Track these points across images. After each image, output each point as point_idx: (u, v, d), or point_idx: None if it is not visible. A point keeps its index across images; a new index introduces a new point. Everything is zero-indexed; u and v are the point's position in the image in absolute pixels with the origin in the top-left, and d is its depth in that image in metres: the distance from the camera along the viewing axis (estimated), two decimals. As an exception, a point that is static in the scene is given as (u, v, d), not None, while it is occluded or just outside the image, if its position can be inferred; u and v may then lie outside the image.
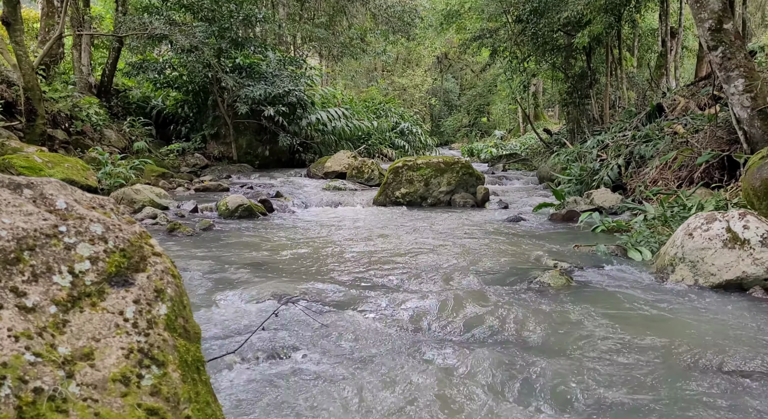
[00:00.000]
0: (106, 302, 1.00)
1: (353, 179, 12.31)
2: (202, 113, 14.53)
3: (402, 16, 21.66)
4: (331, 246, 5.57)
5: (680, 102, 10.78)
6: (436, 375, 2.41)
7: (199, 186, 10.52)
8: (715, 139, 7.71)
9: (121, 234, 1.11)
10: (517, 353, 2.72)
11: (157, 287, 1.09)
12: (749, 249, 3.76)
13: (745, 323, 3.19)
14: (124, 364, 0.93)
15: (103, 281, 1.03)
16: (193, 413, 0.99)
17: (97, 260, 1.04)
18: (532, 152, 19.06)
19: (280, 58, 14.84)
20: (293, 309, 3.24)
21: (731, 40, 6.71)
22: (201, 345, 1.23)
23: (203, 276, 4.17)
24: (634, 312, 3.38)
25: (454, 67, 36.25)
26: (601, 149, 10.84)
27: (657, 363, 2.62)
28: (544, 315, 3.28)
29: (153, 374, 0.95)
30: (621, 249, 5.13)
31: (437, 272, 4.39)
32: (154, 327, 1.02)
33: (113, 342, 0.95)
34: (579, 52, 14.79)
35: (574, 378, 2.43)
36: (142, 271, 1.10)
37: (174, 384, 0.98)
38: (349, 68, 26.67)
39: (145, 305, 1.04)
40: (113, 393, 0.88)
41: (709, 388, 2.35)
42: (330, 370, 2.44)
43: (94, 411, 0.84)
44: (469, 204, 9.37)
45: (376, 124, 19.06)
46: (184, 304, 1.15)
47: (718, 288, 3.80)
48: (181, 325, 1.11)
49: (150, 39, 12.47)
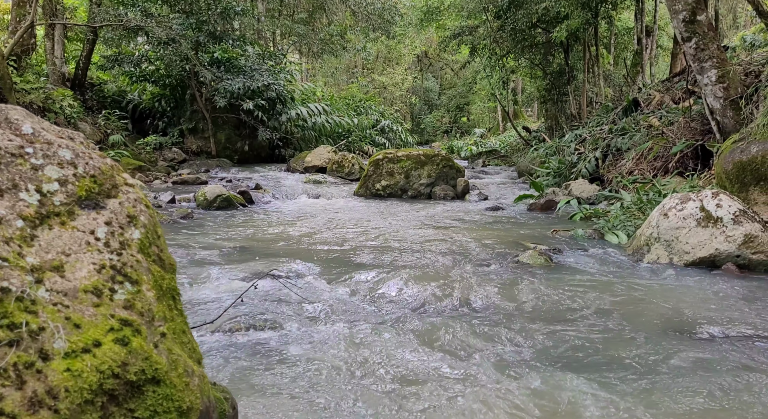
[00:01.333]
0: (77, 222, 0.97)
1: (334, 174, 12.26)
2: (179, 107, 14.34)
3: (382, 14, 21.66)
4: (311, 232, 5.54)
5: (655, 97, 10.97)
6: (409, 337, 2.40)
7: (176, 179, 10.37)
8: (689, 130, 7.87)
9: (91, 162, 1.08)
10: (494, 321, 2.73)
11: (129, 213, 1.06)
12: (722, 227, 3.83)
13: (717, 295, 3.25)
14: (96, 278, 0.90)
15: (73, 203, 1.00)
16: (168, 332, 0.97)
17: (66, 182, 1.01)
18: (511, 149, 19.21)
19: (259, 52, 14.72)
20: (274, 285, 3.21)
21: (704, 31, 6.85)
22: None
23: (182, 258, 4.11)
24: (609, 287, 3.42)
25: (434, 67, 36.39)
26: (579, 143, 10.98)
27: (631, 328, 2.66)
28: (523, 289, 3.30)
29: (126, 290, 0.93)
30: (598, 233, 5.20)
31: (417, 253, 4.39)
32: (126, 249, 0.99)
33: (84, 257, 0.92)
34: (557, 48, 14.97)
35: (547, 339, 2.45)
36: (114, 197, 1.07)
37: (148, 301, 0.96)
38: (329, 65, 26.59)
39: (117, 227, 1.01)
40: (85, 302, 0.86)
41: (681, 348, 2.38)
42: (307, 337, 2.41)
43: (65, 316, 0.81)
44: (449, 196, 9.40)
45: (357, 121, 19.02)
46: (158, 234, 1.13)
47: (692, 266, 3.87)
48: (156, 253, 1.08)
49: (126, 31, 12.25)
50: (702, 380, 2.08)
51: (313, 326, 2.60)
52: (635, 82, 14.70)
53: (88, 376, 0.78)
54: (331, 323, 2.65)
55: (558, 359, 2.29)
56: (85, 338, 0.81)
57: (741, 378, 2.09)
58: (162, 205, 7.58)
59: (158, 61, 13.60)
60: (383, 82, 31.21)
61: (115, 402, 0.81)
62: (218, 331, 2.54)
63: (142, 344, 0.87)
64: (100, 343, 0.82)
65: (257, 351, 2.30)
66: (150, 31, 11.70)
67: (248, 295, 2.95)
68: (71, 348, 0.79)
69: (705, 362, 2.26)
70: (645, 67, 15.59)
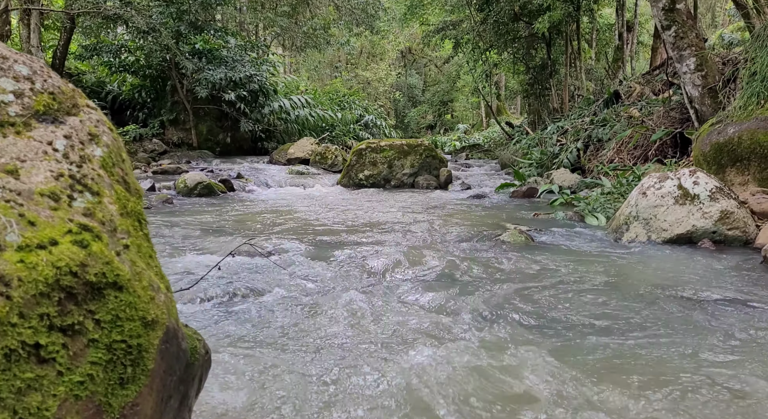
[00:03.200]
0: (33, 133, 0.93)
1: (317, 165, 12.21)
2: (160, 98, 14.15)
3: (365, 8, 21.60)
4: (292, 216, 5.49)
5: (636, 89, 11.09)
6: (387, 302, 2.39)
7: (157, 169, 10.23)
8: (669, 119, 7.97)
9: (50, 80, 1.05)
10: (471, 288, 2.73)
11: (91, 132, 1.02)
12: (699, 204, 3.88)
13: (693, 268, 3.28)
14: (54, 184, 0.86)
15: (30, 116, 0.96)
16: (133, 247, 0.94)
17: (22, 95, 0.97)
18: (494, 144, 19.29)
19: (241, 43, 14.58)
20: (254, 261, 3.17)
21: (683, 19, 6.93)
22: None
23: (161, 238, 4.05)
24: (587, 261, 3.44)
25: (418, 63, 36.41)
26: (561, 134, 11.06)
27: (611, 296, 2.67)
28: (502, 263, 3.31)
29: (86, 199, 0.89)
30: (578, 216, 5.23)
31: (396, 233, 4.38)
32: (87, 163, 0.96)
33: (41, 165, 0.88)
34: (539, 42, 15.06)
35: (528, 306, 2.45)
36: (74, 116, 1.03)
37: (110, 212, 0.92)
38: (313, 59, 26.45)
39: (78, 142, 0.98)
40: (41, 204, 0.82)
41: (661, 312, 2.40)
42: (283, 301, 2.39)
43: (19, 212, 0.78)
44: (432, 186, 9.41)
45: (341, 116, 18.95)
46: (122, 158, 1.09)
47: (670, 243, 3.91)
48: (120, 175, 1.05)
49: (104, 20, 12.06)
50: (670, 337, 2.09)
51: (290, 292, 2.57)
52: (616, 76, 14.86)
53: (44, 270, 0.74)
54: (306, 289, 2.62)
55: (527, 317, 2.29)
56: (40, 235, 0.78)
57: (704, 335, 2.12)
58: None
59: (138, 51, 13.41)
60: (367, 77, 31.15)
61: (74, 300, 0.78)
62: (196, 299, 2.50)
63: (103, 249, 0.84)
64: (57, 242, 0.79)
65: (233, 314, 2.27)
66: (129, 20, 11.52)
67: (227, 269, 2.91)
68: (25, 243, 0.75)
69: (674, 322, 2.28)
70: (626, 61, 15.76)
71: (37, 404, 0.70)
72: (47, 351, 0.73)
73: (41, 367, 0.72)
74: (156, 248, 3.08)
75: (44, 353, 0.73)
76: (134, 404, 0.86)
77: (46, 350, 0.73)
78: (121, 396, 0.84)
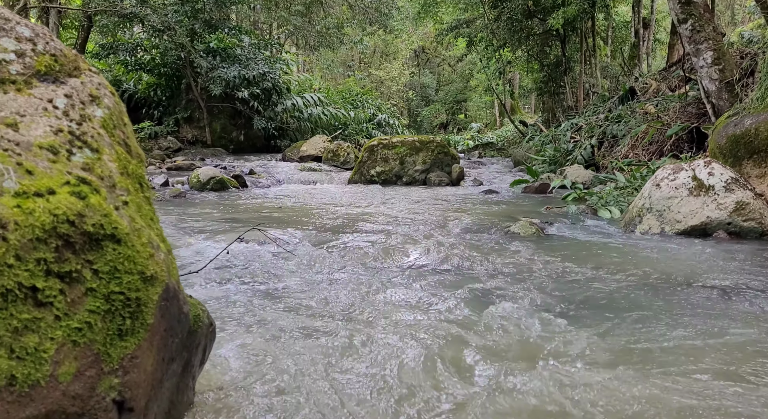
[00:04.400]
0: (34, 91, 0.94)
1: (329, 162, 12.23)
2: (175, 96, 14.28)
3: (379, 7, 21.62)
4: (303, 210, 5.51)
5: (652, 85, 10.96)
6: (391, 285, 2.38)
7: (171, 165, 10.33)
8: (685, 114, 7.86)
9: (52, 43, 1.06)
10: (476, 275, 2.71)
11: (92, 93, 1.03)
12: (714, 195, 3.82)
13: (708, 258, 3.23)
14: (53, 138, 0.87)
15: (32, 75, 0.97)
16: (132, 205, 0.94)
17: (24, 55, 0.98)
18: (508, 142, 19.18)
19: (255, 42, 14.66)
20: (263, 248, 3.18)
21: (700, 12, 6.83)
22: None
23: (174, 227, 4.08)
24: (597, 252, 3.40)
25: (431, 63, 36.34)
26: (575, 131, 10.96)
27: (626, 284, 2.64)
28: (511, 253, 3.28)
29: (85, 154, 0.90)
30: (591, 209, 5.18)
31: (407, 225, 4.37)
32: (87, 122, 0.96)
33: (41, 120, 0.89)
34: (554, 40, 14.95)
35: (543, 295, 2.43)
36: (75, 77, 1.04)
37: (109, 168, 0.93)
38: (326, 58, 26.52)
39: (78, 102, 0.98)
40: (39, 156, 0.83)
41: (679, 299, 2.37)
42: (290, 284, 2.39)
43: (17, 161, 0.79)
44: (444, 182, 9.37)
45: (353, 114, 18.96)
46: (124, 122, 1.10)
47: (684, 234, 3.86)
48: (121, 137, 1.05)
49: (120, 19, 12.20)
50: (687, 323, 2.06)
51: (297, 275, 2.57)
52: (632, 74, 14.70)
53: (41, 216, 0.75)
54: (314, 273, 2.62)
55: (540, 301, 2.27)
56: (38, 184, 0.78)
57: (719, 320, 2.08)
58: (155, 187, 7.53)
59: (154, 49, 13.54)
60: (380, 76, 31.16)
61: (72, 249, 0.78)
62: (205, 281, 2.51)
63: (101, 202, 0.85)
64: (55, 192, 0.79)
65: (240, 295, 2.28)
66: (145, 18, 11.64)
67: (237, 255, 2.93)
68: (22, 190, 0.76)
69: (688, 309, 2.24)
70: (642, 59, 15.59)
71: (34, 344, 0.70)
72: (44, 294, 0.74)
73: (38, 310, 0.73)
74: (167, 235, 3.10)
75: (41, 296, 0.73)
76: (133, 356, 0.87)
77: (43, 294, 0.73)
78: (120, 347, 0.84)
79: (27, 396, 0.68)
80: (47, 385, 0.71)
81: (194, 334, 1.25)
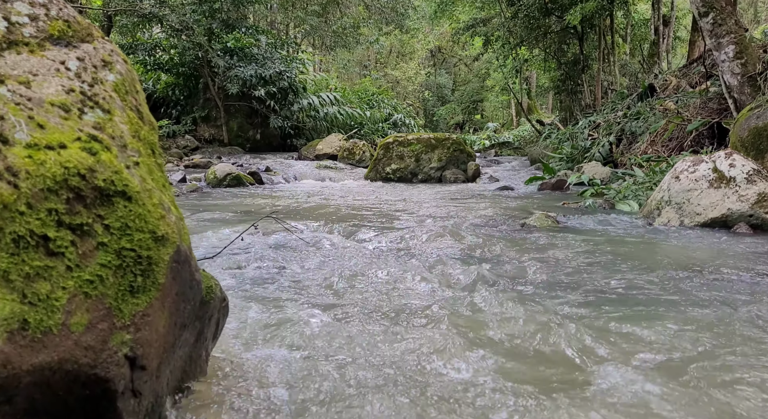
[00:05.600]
0: (47, 53, 0.95)
1: (344, 161, 12.25)
2: (192, 95, 14.44)
3: (395, 7, 21.62)
4: (318, 205, 5.52)
5: (672, 82, 10.80)
6: (406, 275, 2.37)
7: (188, 163, 10.43)
8: (706, 109, 7.72)
9: (66, 10, 1.06)
10: (491, 265, 2.68)
11: (104, 59, 1.04)
12: (735, 187, 3.74)
13: (729, 251, 3.16)
14: (65, 97, 0.88)
15: (45, 39, 0.98)
16: (143, 166, 0.95)
17: (37, 19, 0.99)
18: (524, 141, 19.06)
19: (271, 41, 14.76)
20: (277, 237, 3.19)
21: (722, 5, 6.71)
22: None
23: (190, 219, 4.11)
24: (614, 244, 3.35)
25: (447, 62, 36.23)
26: (593, 129, 10.85)
27: (644, 274, 2.59)
28: (526, 244, 3.25)
29: (97, 114, 0.90)
30: (609, 203, 5.11)
31: (422, 218, 4.36)
32: (99, 84, 0.97)
33: (53, 80, 0.90)
34: (571, 37, 14.81)
35: (544, 276, 2.40)
36: (88, 43, 1.05)
37: (121, 130, 0.93)
38: (342, 58, 26.61)
39: (90, 65, 0.99)
40: (51, 112, 0.83)
41: (699, 288, 2.32)
42: (303, 270, 2.39)
43: (29, 115, 0.79)
44: (460, 180, 9.33)
45: (369, 114, 18.97)
46: (137, 89, 1.11)
47: (703, 227, 3.78)
48: (133, 103, 1.06)
49: (140, 19, 12.37)
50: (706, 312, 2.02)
51: (309, 262, 2.57)
52: (652, 71, 14.50)
53: (52, 167, 0.75)
54: (327, 260, 2.62)
55: (559, 291, 2.24)
56: (49, 137, 0.79)
57: (739, 310, 2.03)
58: (172, 183, 7.61)
59: (172, 49, 13.71)
60: (396, 76, 31.16)
61: (83, 202, 0.79)
62: (220, 267, 2.52)
63: (112, 159, 0.85)
64: (66, 146, 0.80)
65: (254, 280, 2.28)
66: (164, 18, 11.79)
67: (251, 243, 2.94)
68: (33, 142, 0.76)
69: (705, 301, 2.20)
70: (662, 56, 15.37)
71: (46, 292, 0.71)
72: (56, 244, 0.74)
73: (50, 259, 0.73)
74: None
75: (53, 246, 0.74)
76: (145, 314, 0.87)
77: (54, 243, 0.74)
78: (131, 303, 0.85)
79: (40, 342, 0.69)
80: (59, 333, 0.71)
81: (207, 305, 1.25)
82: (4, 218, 0.68)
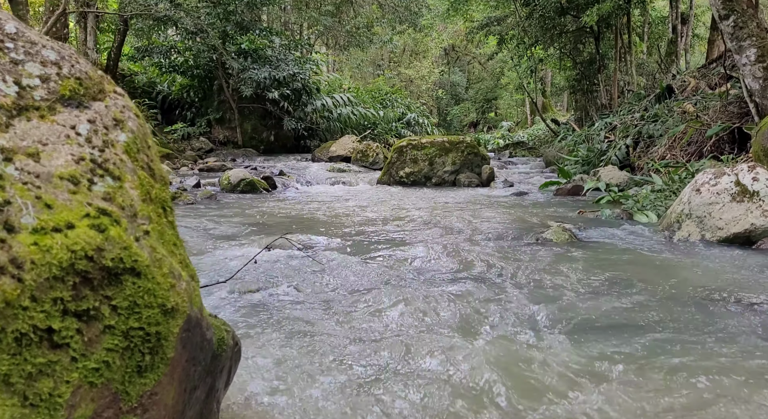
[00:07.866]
0: (57, 117, 0.93)
1: (358, 163, 12.24)
2: (207, 97, 14.50)
3: (408, 6, 21.54)
4: (334, 213, 5.50)
5: (691, 83, 10.61)
6: (419, 300, 2.33)
7: (203, 166, 10.49)
8: (726, 113, 7.57)
9: (78, 66, 1.04)
10: (506, 286, 2.63)
11: (116, 117, 1.02)
12: (758, 201, 3.65)
13: (752, 270, 3.08)
14: (74, 168, 0.85)
15: (55, 101, 0.96)
16: (154, 233, 0.92)
17: (48, 80, 0.97)
18: (539, 141, 18.87)
19: (285, 42, 14.77)
20: (290, 255, 3.17)
21: (743, 8, 6.56)
22: (174, 214, 1.16)
23: (202, 232, 4.12)
24: (634, 260, 3.28)
25: (461, 61, 36.02)
26: (609, 131, 10.69)
27: (660, 296, 2.53)
28: (543, 261, 3.19)
29: (107, 183, 0.88)
30: (626, 213, 5.02)
31: (436, 228, 4.31)
32: (110, 148, 0.95)
33: (62, 148, 0.88)
34: (587, 36, 14.63)
35: (569, 308, 2.35)
36: (100, 101, 1.02)
37: (131, 197, 0.91)
38: (355, 58, 26.57)
39: (102, 127, 0.97)
40: (59, 187, 0.81)
41: (714, 316, 2.25)
42: (315, 295, 2.37)
43: (36, 195, 0.77)
44: (474, 184, 9.26)
45: (383, 113, 18.91)
46: (148, 144, 1.08)
47: (725, 242, 3.70)
48: (145, 161, 1.04)
49: (155, 22, 12.43)
50: (730, 345, 1.96)
51: (323, 285, 2.55)
52: (669, 71, 14.27)
53: (58, 253, 0.73)
54: (340, 283, 2.59)
55: (569, 318, 2.19)
56: (56, 218, 0.76)
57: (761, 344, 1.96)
58: (187, 188, 7.64)
59: (187, 51, 13.77)
60: (410, 75, 31.05)
61: (90, 285, 0.76)
62: (232, 291, 2.51)
63: (121, 234, 0.83)
64: (74, 226, 0.77)
65: (267, 306, 2.26)
66: (178, 21, 11.85)
67: (265, 263, 2.92)
68: (40, 225, 0.74)
69: (732, 328, 2.13)
70: (680, 55, 15.13)
71: (48, 390, 0.69)
72: (60, 336, 0.72)
73: (54, 352, 0.71)
74: (197, 241, 3.13)
75: (57, 338, 0.71)
76: (153, 393, 0.84)
77: (59, 335, 0.72)
78: (138, 384, 0.82)
79: (42, 442, 0.66)
80: (62, 430, 0.69)
81: (218, 358, 1.22)
82: (7, 316, 0.65)
